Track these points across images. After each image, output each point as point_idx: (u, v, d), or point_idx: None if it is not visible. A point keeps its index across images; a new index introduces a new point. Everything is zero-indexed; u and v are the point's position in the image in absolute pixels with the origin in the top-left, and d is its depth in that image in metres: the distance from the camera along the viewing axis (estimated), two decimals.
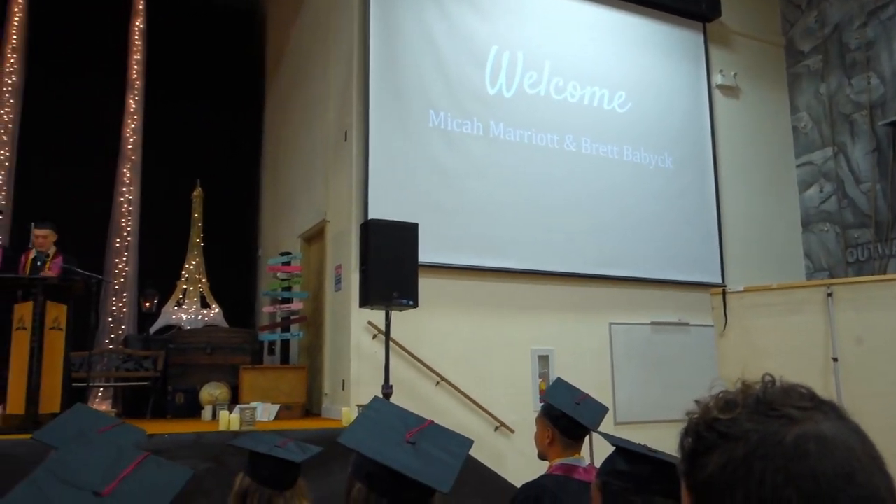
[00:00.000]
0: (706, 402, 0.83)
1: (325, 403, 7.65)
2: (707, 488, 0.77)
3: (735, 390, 0.82)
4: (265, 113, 11.00)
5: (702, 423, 0.81)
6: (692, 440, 0.81)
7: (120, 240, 10.02)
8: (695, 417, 0.83)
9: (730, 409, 0.79)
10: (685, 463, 0.81)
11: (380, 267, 5.65)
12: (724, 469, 0.75)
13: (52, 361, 5.62)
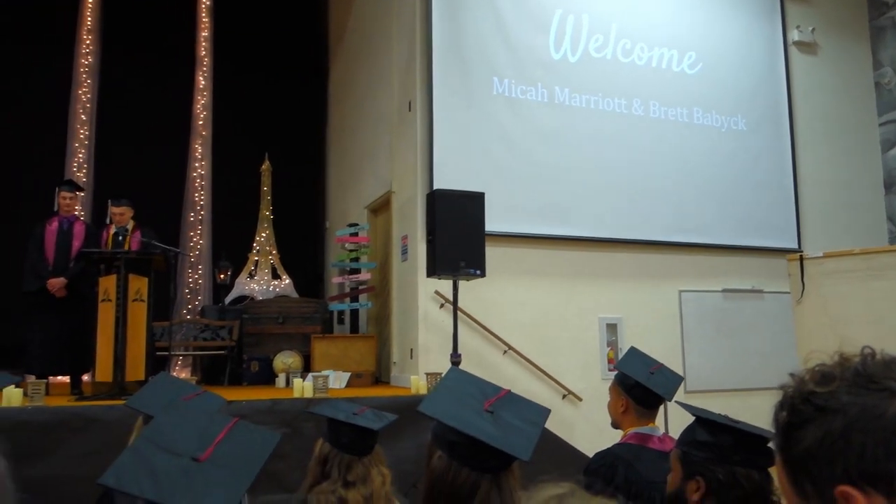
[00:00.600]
0: (801, 375, 0.81)
1: (394, 372, 7.78)
2: (803, 462, 0.75)
3: (832, 363, 0.80)
4: (329, 85, 11.09)
5: (797, 397, 0.79)
6: (787, 413, 0.79)
7: (194, 214, 10.35)
8: (790, 391, 0.81)
9: (827, 383, 0.77)
10: (780, 437, 0.80)
11: (447, 237, 5.67)
12: (822, 443, 0.73)
13: (136, 331, 5.88)
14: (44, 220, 6.44)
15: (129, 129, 9.96)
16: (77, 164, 9.76)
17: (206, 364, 8.49)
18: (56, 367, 6.28)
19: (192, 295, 10.15)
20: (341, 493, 2.16)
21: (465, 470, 1.41)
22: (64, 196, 6.44)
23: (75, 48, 9.96)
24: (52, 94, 9.68)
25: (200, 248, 10.22)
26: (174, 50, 10.38)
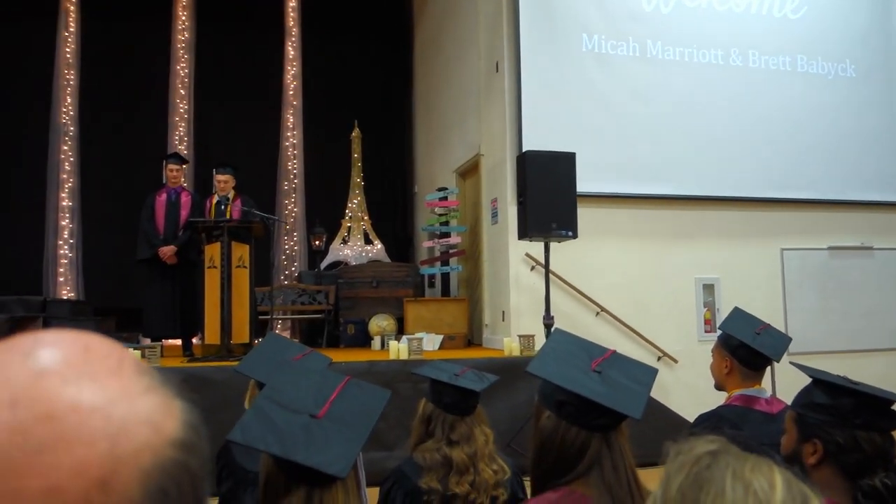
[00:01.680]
0: None
1: (486, 334, 7.85)
2: None
3: None
4: (415, 49, 11.09)
5: None
6: None
7: (287, 182, 10.66)
8: None
9: None
10: None
11: (538, 198, 5.63)
12: None
13: (240, 296, 6.15)
14: (154, 192, 6.79)
15: (224, 102, 10.31)
16: (178, 137, 10.21)
17: (305, 327, 8.81)
18: (169, 330, 6.66)
19: (288, 261, 10.51)
20: (446, 451, 2.21)
21: (574, 429, 1.42)
22: (171, 168, 6.76)
23: (172, 25, 10.33)
24: (152, 70, 10.11)
25: (295, 215, 10.54)
26: (264, 22, 10.61)
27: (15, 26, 9.61)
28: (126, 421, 0.42)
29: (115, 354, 0.46)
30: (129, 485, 0.41)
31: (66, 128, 9.86)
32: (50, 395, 0.41)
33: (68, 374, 0.42)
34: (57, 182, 9.76)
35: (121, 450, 0.41)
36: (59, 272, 9.66)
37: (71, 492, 0.39)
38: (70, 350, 0.44)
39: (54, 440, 0.39)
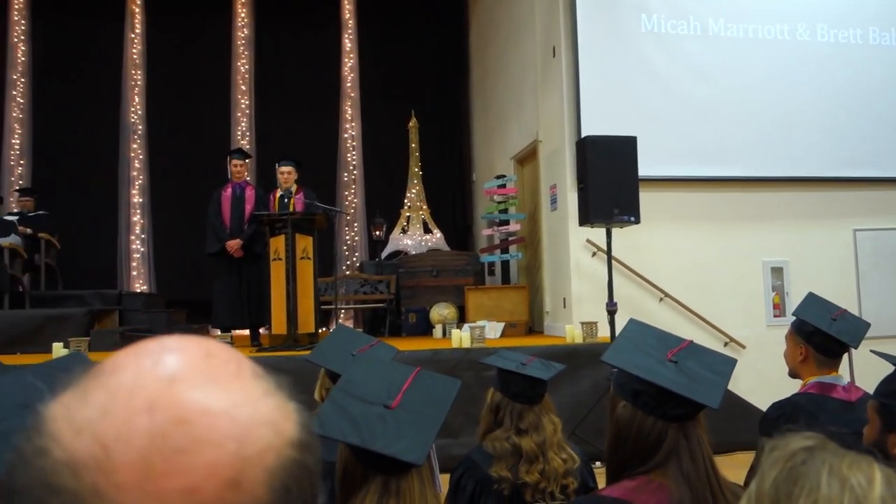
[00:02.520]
0: None
1: (548, 321, 7.82)
2: None
3: None
4: (470, 36, 11.05)
5: None
6: None
7: (347, 174, 10.80)
8: None
9: None
10: None
11: (598, 184, 5.56)
12: None
13: (305, 287, 6.28)
14: (219, 187, 6.97)
15: (284, 96, 10.50)
16: (240, 133, 10.44)
17: (367, 316, 8.94)
18: (237, 321, 6.85)
19: (349, 251, 10.66)
20: (515, 440, 2.23)
21: (650, 418, 1.41)
22: (235, 164, 6.93)
23: (232, 23, 10.55)
24: (214, 68, 10.35)
25: (355, 206, 10.68)
26: (321, 16, 10.74)
27: (86, 30, 9.97)
28: (250, 423, 0.44)
29: (233, 360, 0.48)
30: (256, 484, 0.43)
31: (135, 126, 10.20)
32: (182, 400, 0.43)
33: (196, 379, 0.45)
34: (128, 179, 10.11)
35: (247, 451, 0.43)
36: (132, 266, 10.04)
37: (206, 491, 0.41)
38: (193, 356, 0.47)
39: (189, 443, 0.42)
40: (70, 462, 0.41)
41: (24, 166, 9.93)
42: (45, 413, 0.44)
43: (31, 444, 0.43)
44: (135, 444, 0.41)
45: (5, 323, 6.59)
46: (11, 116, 9.93)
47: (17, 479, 0.42)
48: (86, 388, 0.44)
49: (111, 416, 0.42)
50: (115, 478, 0.40)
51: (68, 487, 0.40)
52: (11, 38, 9.97)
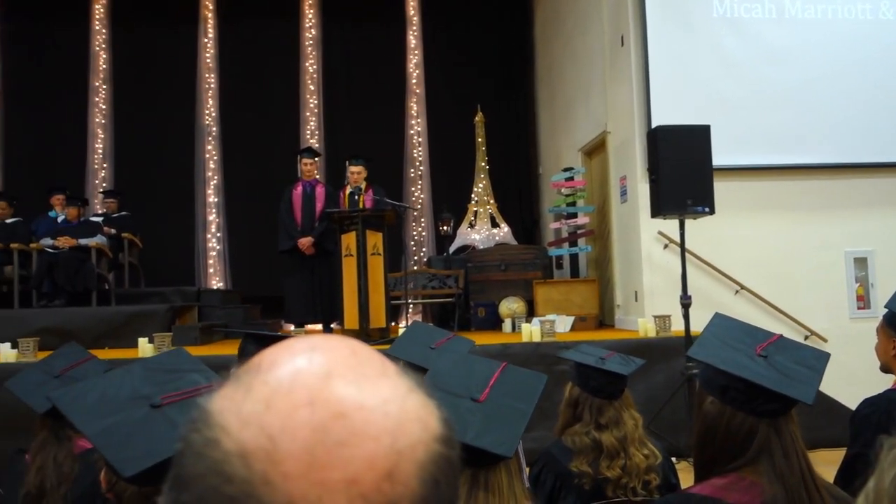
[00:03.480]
0: None
1: (618, 315, 7.72)
2: None
3: None
4: (535, 28, 10.97)
5: None
6: None
7: (413, 170, 10.89)
8: None
9: None
10: None
11: (671, 174, 5.45)
12: None
13: (375, 283, 6.37)
14: (290, 186, 7.14)
15: (351, 95, 10.66)
16: (310, 132, 10.65)
17: (436, 311, 9.00)
18: (310, 316, 7.01)
19: (416, 247, 10.75)
20: (595, 434, 2.22)
21: (740, 414, 1.39)
22: (305, 162, 7.08)
23: (300, 24, 10.76)
24: (283, 69, 10.58)
25: (422, 202, 10.76)
26: (386, 14, 10.84)
27: (162, 37, 10.34)
28: (401, 418, 0.46)
29: (376, 357, 0.50)
30: (409, 476, 0.44)
31: (210, 128, 10.53)
32: (339, 396, 0.45)
33: (348, 375, 0.47)
34: (203, 179, 10.45)
35: (400, 444, 0.45)
36: (208, 264, 10.38)
37: (365, 483, 0.43)
38: (342, 353, 0.49)
39: (348, 435, 0.43)
40: (240, 452, 0.43)
41: (107, 169, 10.38)
42: (209, 406, 0.47)
43: (201, 434, 0.45)
44: (298, 436, 0.43)
45: (94, 319, 6.92)
46: (95, 122, 10.39)
47: (188, 467, 0.44)
48: (248, 384, 0.46)
49: (275, 409, 0.44)
50: (282, 467, 0.42)
51: (240, 476, 0.42)
52: (93, 47, 10.42)
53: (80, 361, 2.25)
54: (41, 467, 1.99)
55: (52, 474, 1.98)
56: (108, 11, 10.47)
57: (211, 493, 0.43)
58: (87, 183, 10.25)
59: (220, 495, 0.42)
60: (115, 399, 1.21)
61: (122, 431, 1.16)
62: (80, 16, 10.34)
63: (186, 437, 0.46)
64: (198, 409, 0.47)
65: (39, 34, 10.19)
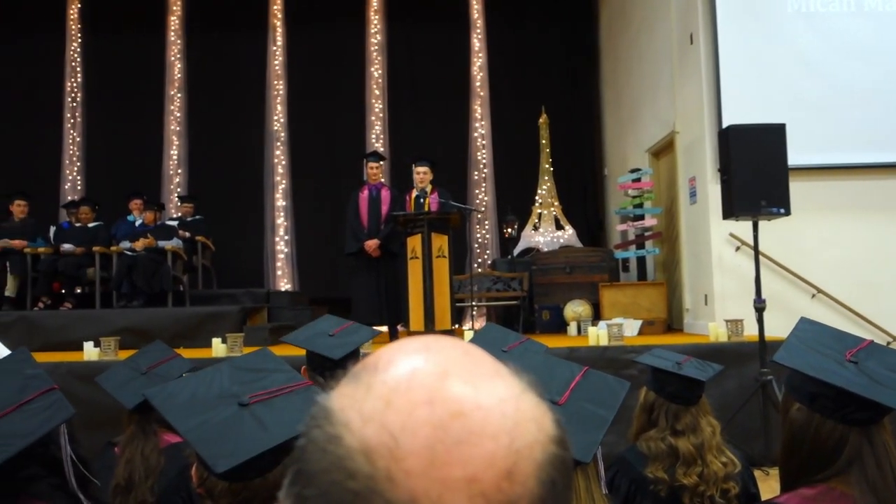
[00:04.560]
0: None
1: (687, 319, 7.56)
2: None
3: None
4: (600, 27, 10.84)
5: None
6: None
7: (477, 172, 10.90)
8: None
9: None
10: None
11: (744, 175, 5.30)
12: None
13: (441, 285, 6.40)
14: (356, 189, 7.24)
15: (415, 98, 10.75)
16: (375, 136, 10.79)
17: (501, 314, 8.98)
18: (376, 318, 7.07)
19: (480, 249, 10.76)
20: (671, 441, 2.18)
21: (829, 422, 1.34)
22: (371, 166, 7.18)
23: (365, 29, 10.91)
24: (349, 74, 10.75)
25: (486, 204, 10.76)
26: (450, 18, 10.89)
27: (233, 46, 10.64)
28: (517, 418, 0.46)
29: (488, 358, 0.50)
30: (527, 476, 0.44)
31: (278, 134, 10.78)
32: (456, 395, 0.45)
33: (464, 375, 0.47)
34: (272, 184, 10.71)
35: (518, 444, 0.45)
36: (277, 266, 10.62)
37: (485, 481, 0.43)
38: (455, 353, 0.49)
39: (467, 434, 0.44)
40: (363, 448, 0.44)
41: (182, 175, 10.74)
42: (329, 403, 0.48)
43: (323, 431, 0.46)
44: (419, 433, 0.44)
45: (170, 319, 7.16)
46: (170, 129, 10.77)
47: (312, 462, 0.46)
48: (367, 382, 0.47)
49: (395, 407, 0.45)
50: (404, 464, 0.43)
51: (363, 472, 0.43)
52: (169, 56, 10.81)
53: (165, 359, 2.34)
54: (129, 461, 2.08)
55: (139, 467, 2.06)
56: (183, 23, 10.85)
57: (335, 488, 0.44)
58: (162, 188, 10.63)
59: (343, 490, 0.43)
60: (206, 397, 1.25)
61: (213, 429, 1.20)
62: (156, 28, 10.75)
63: (308, 433, 0.48)
64: (317, 406, 0.49)
65: (118, 47, 10.63)
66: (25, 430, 1.35)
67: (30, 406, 1.40)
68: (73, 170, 10.73)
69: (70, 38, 10.75)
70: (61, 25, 10.70)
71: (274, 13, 10.87)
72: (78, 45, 10.77)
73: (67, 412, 1.40)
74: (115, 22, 10.57)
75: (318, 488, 0.45)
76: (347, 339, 2.43)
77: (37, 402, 1.41)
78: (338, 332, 2.50)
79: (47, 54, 10.63)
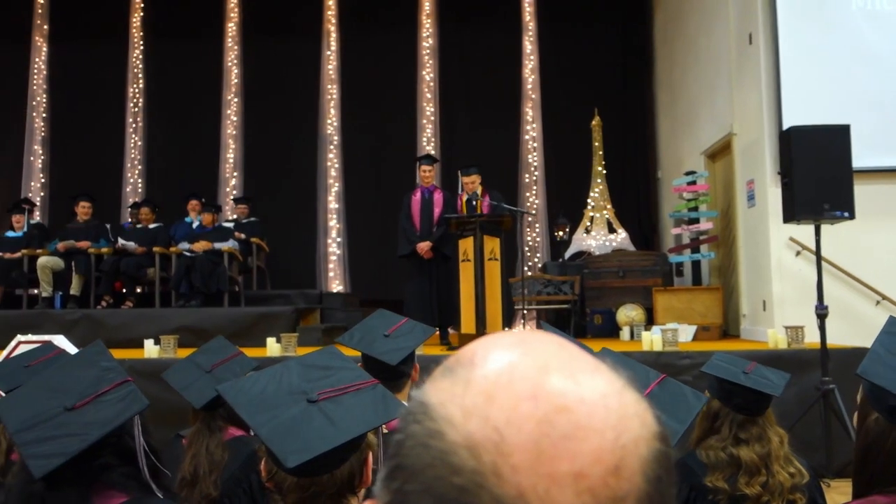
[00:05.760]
0: None
1: (744, 325, 7.39)
2: None
3: None
4: (655, 29, 10.69)
5: None
6: None
7: (528, 175, 10.86)
8: None
9: None
10: None
11: (806, 177, 5.15)
12: None
13: (493, 288, 6.38)
14: (409, 192, 7.29)
15: (467, 101, 10.77)
16: (426, 139, 10.84)
17: (551, 317, 8.92)
18: (427, 320, 7.08)
19: (530, 252, 10.71)
20: (732, 450, 2.12)
21: None
22: (424, 169, 7.21)
23: (417, 33, 10.99)
24: (401, 78, 10.83)
25: (536, 207, 10.71)
26: (502, 21, 10.89)
27: (288, 51, 10.83)
28: (621, 414, 0.45)
29: (586, 354, 0.50)
30: (634, 472, 0.44)
31: (331, 137, 10.92)
32: (559, 389, 0.45)
33: (565, 370, 0.46)
34: (325, 187, 10.85)
35: (624, 439, 0.44)
36: (329, 268, 10.76)
37: (593, 476, 0.42)
38: (551, 348, 0.49)
39: (573, 429, 0.43)
40: (467, 443, 0.43)
41: (237, 177, 10.97)
42: (426, 399, 0.48)
43: (423, 426, 0.46)
44: (524, 428, 0.43)
45: (226, 319, 7.32)
46: (226, 133, 11.02)
47: (412, 458, 0.45)
48: (466, 377, 0.47)
49: (498, 402, 0.44)
50: (510, 459, 0.42)
51: (468, 467, 0.43)
52: (226, 62, 11.06)
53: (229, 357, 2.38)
54: (195, 455, 2.14)
55: (204, 462, 2.12)
56: (240, 29, 11.09)
57: (439, 483, 0.43)
58: (219, 190, 10.87)
59: (448, 486, 0.43)
60: (276, 393, 1.28)
61: (284, 424, 1.23)
62: (214, 35, 11.01)
63: (406, 427, 0.47)
64: (413, 402, 0.49)
65: (178, 54, 10.92)
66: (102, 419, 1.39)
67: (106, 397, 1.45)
68: (133, 173, 11.05)
69: (133, 45, 11.09)
70: (125, 33, 11.05)
71: (328, 18, 11.03)
72: (140, 52, 11.10)
73: (142, 404, 1.44)
74: (176, 29, 10.87)
75: (422, 484, 0.44)
76: (403, 342, 2.44)
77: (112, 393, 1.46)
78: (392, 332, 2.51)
79: (111, 61, 10.98)
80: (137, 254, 8.20)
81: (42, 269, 7.92)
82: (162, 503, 1.47)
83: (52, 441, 1.33)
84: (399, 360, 2.32)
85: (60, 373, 1.57)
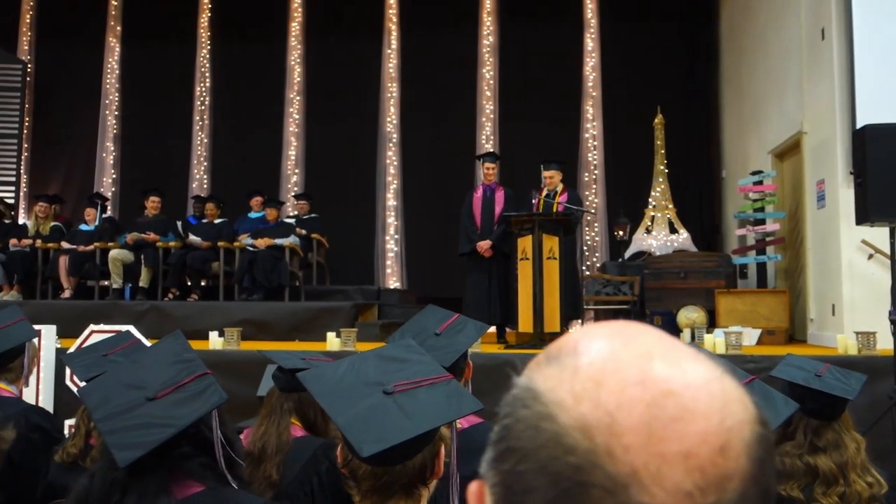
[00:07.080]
0: None
1: (812, 329, 7.17)
2: None
3: None
4: (721, 25, 10.44)
5: None
6: None
7: (588, 173, 10.75)
8: None
9: None
10: None
11: (881, 178, 4.95)
12: None
13: (551, 287, 6.33)
14: (471, 189, 7.30)
15: (526, 99, 10.73)
16: (485, 136, 10.84)
17: (610, 318, 8.82)
18: (485, 318, 7.09)
19: (589, 252, 10.60)
20: (808, 458, 2.06)
21: None
22: (486, 166, 7.21)
23: (478, 31, 10.99)
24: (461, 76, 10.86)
25: (596, 206, 10.59)
26: (563, 19, 10.81)
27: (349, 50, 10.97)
28: (724, 398, 0.47)
29: (682, 342, 0.52)
30: (739, 453, 0.46)
31: (391, 135, 11.03)
32: (665, 375, 0.47)
33: (666, 357, 0.49)
34: (384, 184, 10.97)
35: (728, 423, 0.46)
36: (386, 264, 10.87)
37: (701, 456, 0.45)
38: (651, 337, 0.51)
39: (680, 412, 0.46)
40: (580, 425, 0.46)
41: (299, 175, 11.17)
42: (532, 385, 0.50)
43: (532, 410, 0.49)
44: (635, 411, 0.46)
45: (287, 313, 7.47)
46: (289, 131, 11.23)
47: (524, 440, 0.48)
48: (573, 365, 0.49)
49: (607, 387, 0.47)
50: (623, 440, 0.45)
51: (582, 447, 0.46)
52: (289, 61, 11.27)
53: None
54: (265, 432, 2.19)
55: (272, 441, 2.16)
56: (303, 29, 11.29)
57: (554, 462, 0.46)
58: (280, 187, 11.09)
59: (563, 465, 0.46)
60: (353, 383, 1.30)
61: (360, 414, 1.25)
62: (278, 34, 11.23)
63: (514, 412, 0.50)
64: (518, 389, 0.51)
65: (243, 53, 11.20)
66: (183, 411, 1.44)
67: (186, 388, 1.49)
68: (200, 169, 11.37)
69: (200, 45, 11.40)
70: (193, 34, 11.37)
71: (389, 17, 11.13)
72: (207, 52, 11.40)
73: (221, 397, 1.48)
74: (241, 29, 11.14)
75: (536, 463, 0.47)
76: (454, 341, 2.41)
77: (192, 385, 1.50)
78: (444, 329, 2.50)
79: (180, 61, 11.32)
80: (203, 248, 8.43)
81: (113, 261, 8.22)
82: (237, 493, 1.51)
83: (136, 431, 1.38)
84: (451, 361, 2.30)
85: (142, 362, 1.63)
